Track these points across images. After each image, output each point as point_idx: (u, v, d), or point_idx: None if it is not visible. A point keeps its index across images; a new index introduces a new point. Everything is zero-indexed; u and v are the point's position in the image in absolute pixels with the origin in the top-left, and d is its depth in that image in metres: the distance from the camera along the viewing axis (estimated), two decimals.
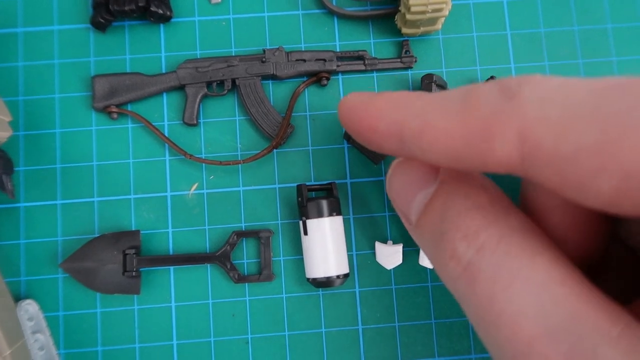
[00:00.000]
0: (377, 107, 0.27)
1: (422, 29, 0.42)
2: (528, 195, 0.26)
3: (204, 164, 0.42)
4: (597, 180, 0.19)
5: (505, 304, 0.20)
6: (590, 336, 0.19)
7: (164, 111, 0.43)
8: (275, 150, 0.42)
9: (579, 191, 0.20)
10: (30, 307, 0.40)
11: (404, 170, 0.27)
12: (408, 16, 0.39)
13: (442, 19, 0.41)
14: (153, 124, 0.42)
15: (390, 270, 0.41)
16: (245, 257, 0.42)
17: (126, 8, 0.41)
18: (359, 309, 0.41)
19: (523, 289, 0.20)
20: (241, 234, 0.41)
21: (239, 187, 0.42)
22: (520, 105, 0.20)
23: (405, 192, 0.27)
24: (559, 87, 0.20)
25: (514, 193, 0.26)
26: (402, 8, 0.40)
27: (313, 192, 0.41)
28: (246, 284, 0.41)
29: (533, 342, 0.19)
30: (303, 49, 0.44)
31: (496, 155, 0.21)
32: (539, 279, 0.20)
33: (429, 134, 0.24)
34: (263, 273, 0.41)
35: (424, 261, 0.40)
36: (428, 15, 0.39)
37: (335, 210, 0.39)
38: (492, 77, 0.42)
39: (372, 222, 0.42)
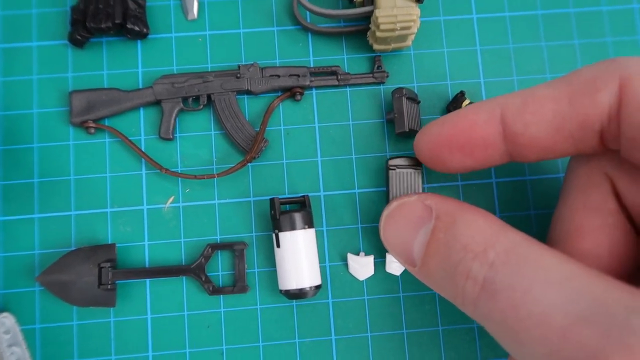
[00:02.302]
0: (473, 106, 0.29)
1: (392, 46, 0.43)
2: (577, 219, 0.30)
3: (179, 178, 0.43)
4: None
5: (530, 306, 0.21)
6: (621, 312, 0.20)
7: (141, 126, 0.44)
8: (250, 164, 0.43)
9: None
10: (6, 320, 0.40)
11: (396, 217, 0.28)
12: (378, 33, 0.41)
13: (412, 36, 0.42)
14: (130, 138, 0.43)
15: (363, 281, 0.42)
16: (220, 269, 0.42)
17: (103, 25, 0.42)
18: (332, 320, 0.42)
19: (544, 289, 0.21)
20: (216, 247, 0.42)
21: (214, 200, 0.43)
22: (620, 64, 0.26)
23: (403, 235, 0.28)
24: None
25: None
26: (372, 25, 0.41)
27: (287, 205, 0.42)
28: (221, 295, 0.42)
29: (566, 332, 0.20)
30: (278, 65, 0.45)
31: (600, 106, 0.25)
32: (555, 277, 0.22)
33: (533, 103, 0.27)
34: (237, 285, 0.41)
35: (391, 267, 0.41)
36: (397, 33, 0.40)
37: (307, 222, 0.40)
38: (462, 92, 0.43)
39: (344, 234, 0.43)
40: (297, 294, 0.39)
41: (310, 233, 0.40)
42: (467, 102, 0.43)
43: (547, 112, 0.27)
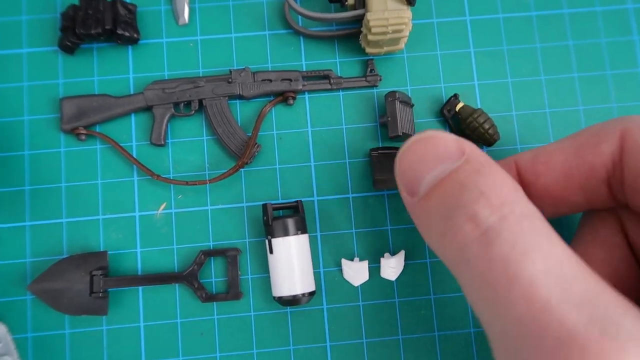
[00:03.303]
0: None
1: (385, 49, 0.43)
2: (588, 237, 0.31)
3: (171, 184, 0.43)
4: None
5: (523, 268, 0.21)
6: (614, 309, 0.19)
7: (132, 132, 0.43)
8: (242, 169, 0.43)
9: None
10: None
11: (423, 145, 0.27)
12: (370, 37, 0.40)
13: (404, 39, 0.42)
14: (121, 144, 0.43)
15: (357, 286, 0.42)
16: (213, 275, 0.42)
17: (93, 31, 0.41)
18: (326, 326, 0.41)
19: (543, 258, 0.21)
20: (208, 253, 0.41)
21: (207, 206, 0.43)
22: (623, 118, 0.28)
23: (421, 164, 0.27)
24: None
25: None
26: (364, 29, 0.41)
27: (280, 211, 0.42)
28: (214, 302, 0.41)
29: (550, 307, 0.20)
30: (270, 69, 0.44)
31: (604, 156, 0.28)
32: (559, 255, 0.21)
33: (543, 155, 0.30)
34: (231, 292, 0.41)
35: (386, 272, 0.41)
36: (389, 36, 0.40)
37: (300, 228, 0.39)
38: (455, 95, 0.43)
39: (338, 239, 0.42)
40: (291, 301, 0.39)
41: (304, 239, 0.40)
42: (461, 104, 0.42)
43: (557, 162, 0.29)
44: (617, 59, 0.45)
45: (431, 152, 0.26)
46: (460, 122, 0.42)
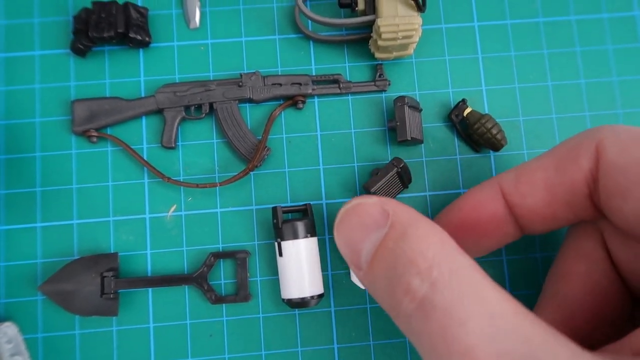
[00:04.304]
0: (473, 189, 0.32)
1: (394, 54, 0.43)
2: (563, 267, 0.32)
3: (182, 187, 0.43)
4: (638, 187, 0.24)
5: (458, 334, 0.21)
6: (545, 358, 0.20)
7: (143, 134, 0.44)
8: (252, 173, 0.43)
9: (623, 197, 0.25)
10: (9, 330, 0.40)
11: (352, 217, 0.27)
12: (380, 42, 0.41)
13: (414, 45, 0.42)
14: (132, 147, 0.43)
15: (365, 289, 0.42)
16: (223, 277, 0.42)
17: (105, 35, 0.42)
18: (334, 328, 0.42)
19: (476, 320, 0.21)
20: (218, 255, 0.42)
21: (217, 208, 0.43)
22: (599, 131, 0.28)
23: (355, 238, 0.27)
24: (629, 127, 0.27)
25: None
26: (374, 34, 0.41)
27: (289, 214, 0.42)
28: (223, 304, 0.42)
29: None
30: (280, 73, 0.45)
31: (583, 170, 0.28)
32: (491, 310, 0.22)
33: (525, 175, 0.30)
34: (240, 294, 0.41)
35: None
36: (399, 42, 0.40)
37: (310, 231, 0.40)
38: (463, 100, 0.43)
39: None
40: (300, 303, 0.39)
41: (313, 242, 0.40)
42: (468, 110, 0.43)
43: (539, 181, 0.29)
44: (624, 65, 0.46)
45: (360, 222, 0.27)
46: (468, 127, 0.43)
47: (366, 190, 0.41)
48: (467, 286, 0.22)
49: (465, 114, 0.43)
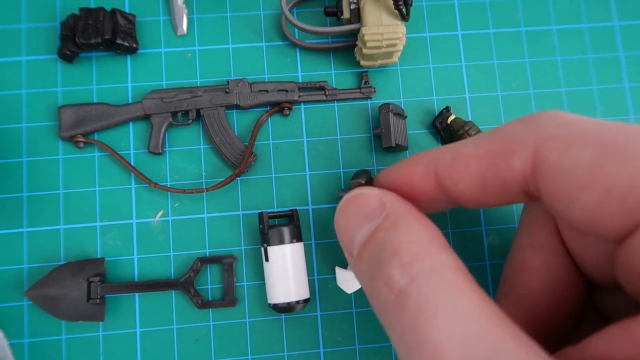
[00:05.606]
0: (413, 158, 0.30)
1: (379, 62, 0.44)
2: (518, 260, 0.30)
3: (169, 192, 0.43)
4: (584, 193, 0.22)
5: (429, 332, 0.22)
6: None
7: (130, 140, 0.44)
8: (239, 178, 0.44)
9: (569, 203, 0.23)
10: None
11: (351, 206, 0.28)
12: (365, 50, 0.41)
13: (398, 53, 0.43)
14: (119, 152, 0.43)
15: (351, 294, 0.43)
16: (209, 282, 0.43)
17: (92, 41, 0.42)
18: (320, 332, 0.42)
19: (449, 321, 0.22)
20: (205, 261, 0.42)
21: (204, 214, 0.43)
22: (538, 124, 0.25)
23: (351, 225, 0.28)
24: (570, 117, 0.25)
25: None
26: (359, 42, 0.42)
27: (275, 219, 0.43)
28: (210, 309, 0.42)
29: None
30: (267, 80, 0.45)
31: (515, 170, 0.26)
32: (464, 311, 0.22)
33: (460, 162, 0.28)
34: (226, 298, 0.42)
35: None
36: (383, 50, 0.41)
37: (295, 237, 0.40)
38: (447, 107, 0.44)
39: (333, 247, 0.43)
40: (285, 308, 0.40)
41: (299, 247, 0.40)
42: (452, 117, 0.44)
43: (472, 171, 0.27)
44: (603, 74, 0.47)
45: (358, 211, 0.28)
46: (452, 133, 0.44)
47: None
48: (446, 284, 0.23)
49: (449, 121, 0.44)
